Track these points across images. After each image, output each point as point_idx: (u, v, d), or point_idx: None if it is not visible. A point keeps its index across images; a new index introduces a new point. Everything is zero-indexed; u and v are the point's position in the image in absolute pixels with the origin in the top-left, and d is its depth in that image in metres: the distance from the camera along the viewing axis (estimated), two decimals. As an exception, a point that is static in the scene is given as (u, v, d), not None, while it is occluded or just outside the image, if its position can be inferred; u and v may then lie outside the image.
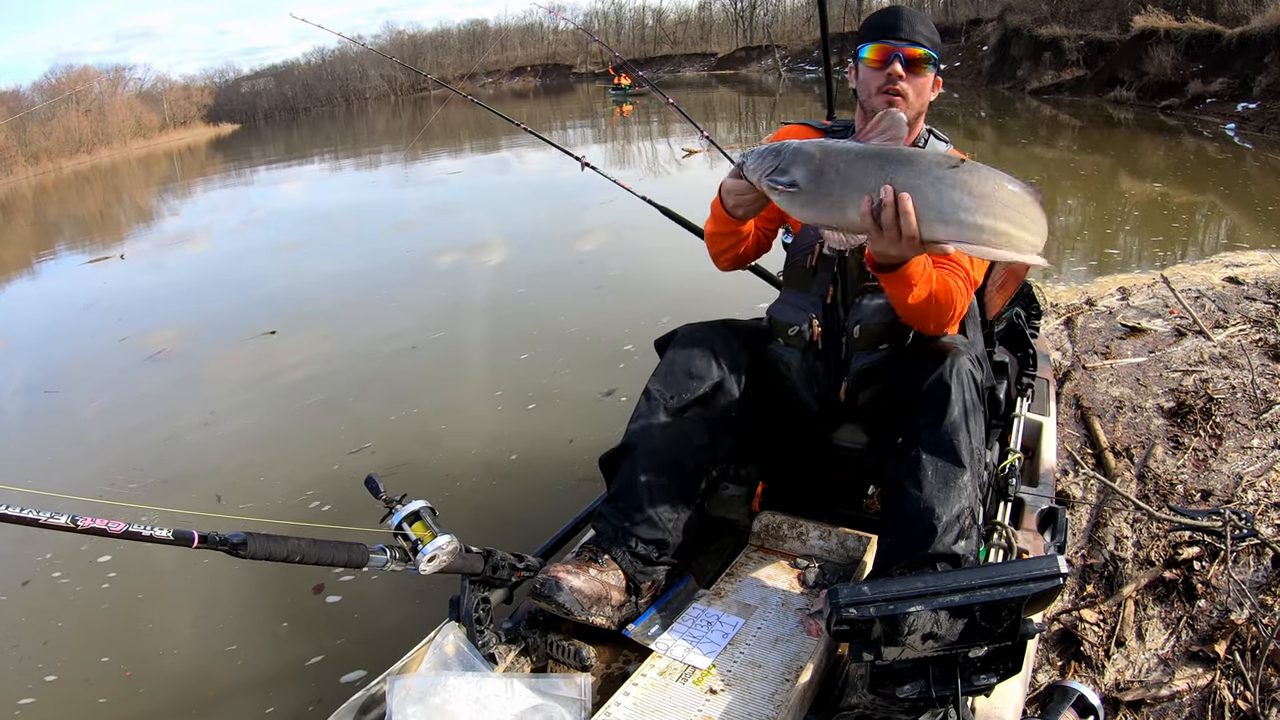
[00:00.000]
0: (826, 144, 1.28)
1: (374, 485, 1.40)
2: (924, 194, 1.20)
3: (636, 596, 1.51)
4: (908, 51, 1.52)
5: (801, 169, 1.27)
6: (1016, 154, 11.25)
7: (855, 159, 1.24)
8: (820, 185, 1.25)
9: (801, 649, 1.45)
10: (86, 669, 2.34)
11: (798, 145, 1.29)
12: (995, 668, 1.21)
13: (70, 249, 11.34)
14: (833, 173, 1.25)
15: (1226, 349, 3.15)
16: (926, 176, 1.20)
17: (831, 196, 1.26)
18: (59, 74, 43.17)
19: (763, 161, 1.32)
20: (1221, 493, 2.27)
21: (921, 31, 1.54)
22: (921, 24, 1.55)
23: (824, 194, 1.26)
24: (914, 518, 1.38)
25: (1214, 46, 13.19)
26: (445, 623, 1.45)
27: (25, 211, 18.66)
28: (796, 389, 1.66)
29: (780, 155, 1.30)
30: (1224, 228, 6.41)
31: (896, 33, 1.53)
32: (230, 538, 1.17)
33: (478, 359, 4.52)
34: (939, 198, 1.20)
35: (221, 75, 59.81)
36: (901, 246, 1.23)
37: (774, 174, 1.29)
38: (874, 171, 1.22)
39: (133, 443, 3.88)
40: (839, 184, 1.25)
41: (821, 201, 1.27)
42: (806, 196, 1.27)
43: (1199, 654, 1.73)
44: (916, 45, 1.52)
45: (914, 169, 1.21)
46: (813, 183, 1.26)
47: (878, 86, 1.54)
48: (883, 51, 1.53)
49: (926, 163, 1.22)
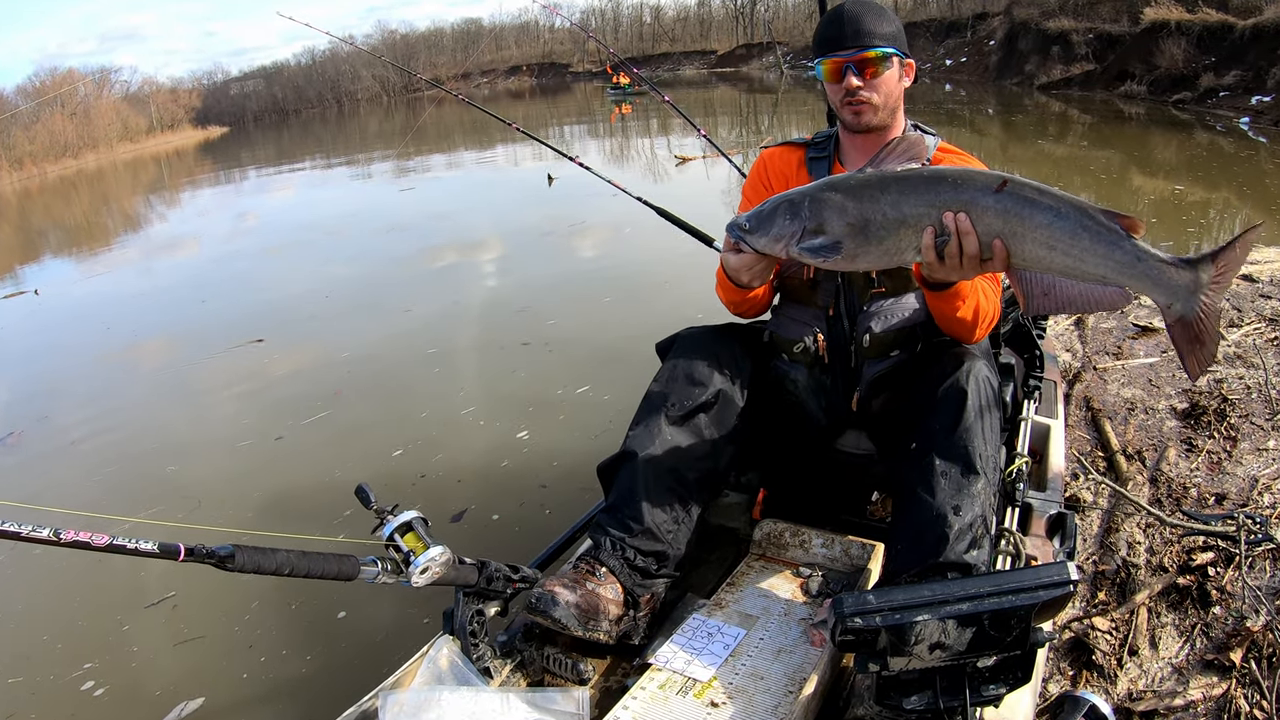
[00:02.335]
0: (849, 185, 1.20)
1: (365, 495, 1.40)
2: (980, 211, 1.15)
3: (635, 610, 1.51)
4: (859, 59, 1.49)
5: (838, 223, 1.20)
6: (1025, 151, 11.27)
7: (901, 196, 1.18)
8: (868, 235, 1.19)
9: (805, 660, 1.45)
10: (54, 681, 2.34)
11: (813, 196, 1.22)
12: (1004, 678, 1.21)
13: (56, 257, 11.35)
14: (879, 218, 1.18)
15: (1241, 348, 3.15)
16: (980, 192, 1.15)
17: (884, 244, 1.20)
18: (43, 76, 43.43)
19: (781, 228, 1.24)
20: (1236, 496, 2.27)
21: (870, 30, 1.49)
22: (870, 19, 1.49)
23: (875, 242, 1.20)
24: (926, 524, 1.38)
25: (1226, 38, 13.23)
26: (439, 636, 1.45)
27: (10, 218, 18.70)
28: (804, 404, 1.67)
29: (799, 214, 1.22)
30: (1238, 224, 6.41)
31: (841, 44, 1.49)
32: (218, 550, 1.17)
33: (470, 365, 4.53)
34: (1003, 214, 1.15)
35: (210, 77, 60.23)
36: (964, 271, 1.20)
37: (804, 239, 1.22)
38: (925, 203, 1.17)
39: (117, 455, 3.89)
40: (891, 229, 1.19)
41: (873, 251, 1.21)
42: (853, 251, 1.21)
43: (1214, 662, 1.73)
44: (866, 49, 1.48)
45: (964, 189, 1.16)
46: (859, 235, 1.19)
47: (841, 100, 1.53)
48: (834, 66, 1.51)
49: (975, 181, 1.17)
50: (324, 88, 56.60)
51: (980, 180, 1.17)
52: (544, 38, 58.25)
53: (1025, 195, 1.15)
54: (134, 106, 46.04)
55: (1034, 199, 1.14)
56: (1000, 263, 1.17)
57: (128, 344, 5.92)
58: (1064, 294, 1.18)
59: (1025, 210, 1.14)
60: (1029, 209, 1.14)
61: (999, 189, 1.15)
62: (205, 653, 2.40)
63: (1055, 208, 1.14)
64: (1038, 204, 1.14)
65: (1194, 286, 1.14)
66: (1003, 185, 1.15)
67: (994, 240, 1.16)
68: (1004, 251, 1.16)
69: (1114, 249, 1.12)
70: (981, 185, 1.16)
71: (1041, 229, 1.14)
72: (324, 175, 17.20)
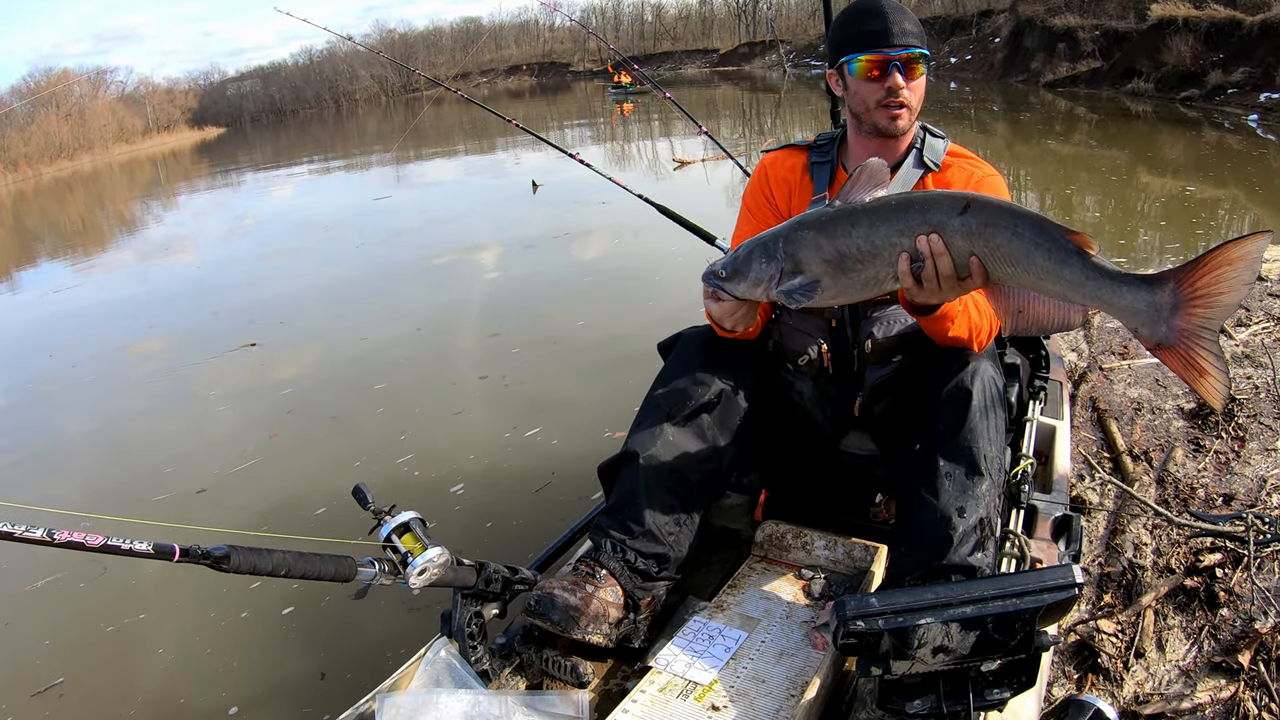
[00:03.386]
0: (820, 222, 1.21)
1: (362, 495, 1.41)
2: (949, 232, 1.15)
3: (635, 613, 1.51)
4: (905, 58, 1.44)
5: (815, 261, 1.20)
6: (1031, 150, 11.28)
7: (873, 226, 1.18)
8: (845, 268, 1.20)
9: (807, 663, 1.45)
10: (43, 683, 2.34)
11: (786, 237, 1.22)
12: (1009, 682, 1.21)
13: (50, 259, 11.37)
14: (853, 250, 1.19)
15: (1249, 348, 3.15)
16: (946, 214, 1.16)
17: (863, 275, 1.20)
18: (38, 76, 43.58)
19: (759, 272, 1.24)
20: (1244, 497, 2.26)
21: (910, 30, 1.45)
22: (907, 20, 1.46)
23: (853, 275, 1.20)
24: (929, 526, 1.38)
25: (1235, 35, 13.24)
26: (437, 638, 1.45)
27: (4, 220, 18.75)
28: (810, 414, 1.68)
29: (774, 256, 1.22)
30: (1246, 223, 6.42)
31: (888, 39, 1.43)
32: (213, 551, 1.17)
33: (469, 364, 4.54)
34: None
35: (206, 77, 60.39)
36: (944, 293, 1.21)
37: (783, 281, 1.22)
38: (896, 230, 1.17)
39: (112, 455, 3.90)
40: (867, 260, 1.19)
41: (853, 283, 1.21)
42: (833, 286, 1.21)
43: (1222, 665, 1.73)
44: (910, 49, 1.44)
45: (931, 212, 1.17)
46: (836, 270, 1.20)
47: (877, 101, 1.47)
48: (876, 63, 1.45)
49: (941, 203, 1.17)
50: (321, 88, 56.72)
51: (945, 202, 1.18)
52: (544, 36, 58.37)
53: (987, 215, 1.15)
54: (130, 107, 46.21)
55: (994, 219, 1.15)
56: (980, 278, 1.17)
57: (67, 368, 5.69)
58: (1035, 312, 1.17)
59: (988, 230, 1.15)
60: (991, 229, 1.14)
61: (964, 210, 1.15)
62: (200, 656, 2.40)
63: (1011, 226, 1.13)
64: (997, 224, 1.14)
65: (1153, 309, 1.06)
66: (967, 206, 1.15)
67: (969, 258, 1.17)
68: (981, 269, 1.17)
69: (1063, 266, 1.10)
70: (947, 208, 1.17)
71: (1003, 247, 1.14)
72: (317, 180, 17.18)
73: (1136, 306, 1.08)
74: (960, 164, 1.56)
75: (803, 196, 1.62)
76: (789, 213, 1.62)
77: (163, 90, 52.80)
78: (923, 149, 1.56)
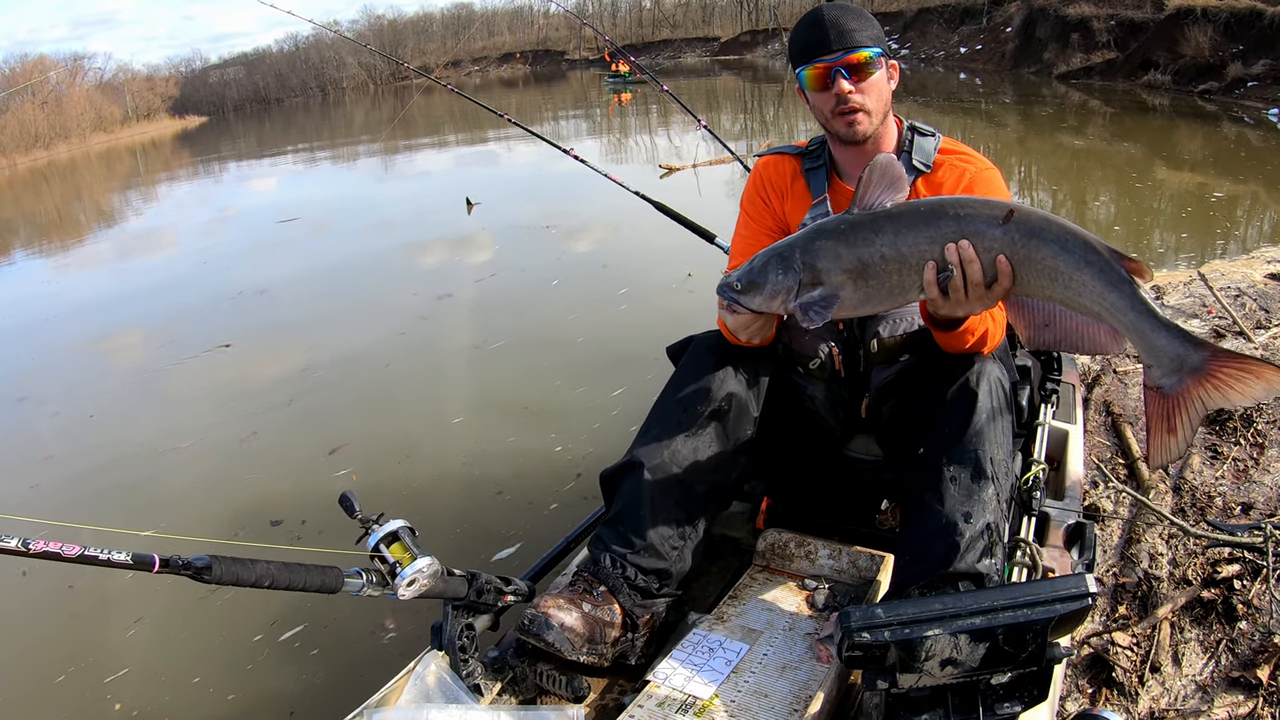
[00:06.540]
0: (839, 230, 1.20)
1: (349, 504, 1.40)
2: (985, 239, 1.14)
3: (634, 632, 1.50)
4: (847, 61, 1.44)
5: (834, 271, 1.19)
6: (1044, 144, 11.29)
7: (899, 234, 1.17)
8: (868, 278, 1.19)
9: (811, 677, 1.45)
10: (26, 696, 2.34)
11: (803, 247, 1.21)
12: (1020, 695, 1.21)
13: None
14: (877, 259, 1.18)
15: (1269, 350, 3.15)
16: (985, 224, 1.15)
17: (888, 284, 1.19)
18: (13, 63, 43.46)
19: (775, 284, 1.23)
20: (1264, 506, 2.27)
21: (853, 29, 1.44)
22: (851, 19, 1.45)
23: (877, 285, 1.19)
24: (935, 533, 1.38)
25: (1255, 26, 13.26)
26: (426, 651, 1.45)
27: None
28: (823, 419, 1.68)
29: (791, 267, 1.21)
30: (1266, 221, 6.44)
31: (826, 47, 1.44)
32: (194, 561, 1.17)
33: (461, 367, 4.53)
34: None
35: (188, 64, 60.28)
36: (970, 304, 1.20)
37: (801, 293, 1.21)
38: (927, 239, 1.16)
39: (85, 462, 3.88)
40: (891, 269, 1.18)
41: (878, 293, 1.20)
42: (854, 298, 1.20)
43: (1240, 679, 1.73)
44: (853, 50, 1.43)
45: (968, 223, 1.16)
46: (858, 280, 1.19)
47: (831, 110, 1.48)
48: (820, 73, 1.45)
49: (979, 213, 1.16)
50: (308, 75, 56.67)
51: (985, 212, 1.17)
52: (538, 24, 58.34)
53: (1032, 225, 1.15)
54: (108, 95, 46.14)
55: (1039, 231, 1.14)
56: (1006, 279, 1.17)
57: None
58: (1063, 327, 1.18)
59: (1033, 242, 1.14)
60: (1036, 240, 1.14)
61: (1005, 219, 1.15)
62: (182, 671, 2.40)
63: (1060, 240, 1.13)
64: (1043, 236, 1.14)
65: (1178, 362, 1.11)
66: (1009, 216, 1.15)
67: (1001, 268, 1.16)
68: (1011, 279, 1.16)
69: (1110, 289, 1.11)
70: (987, 216, 1.16)
71: (1047, 260, 1.14)
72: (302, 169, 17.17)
73: (1168, 351, 1.12)
74: (952, 161, 1.54)
75: (796, 202, 1.63)
76: (785, 216, 1.63)
77: (142, 77, 52.76)
78: (911, 151, 1.55)
